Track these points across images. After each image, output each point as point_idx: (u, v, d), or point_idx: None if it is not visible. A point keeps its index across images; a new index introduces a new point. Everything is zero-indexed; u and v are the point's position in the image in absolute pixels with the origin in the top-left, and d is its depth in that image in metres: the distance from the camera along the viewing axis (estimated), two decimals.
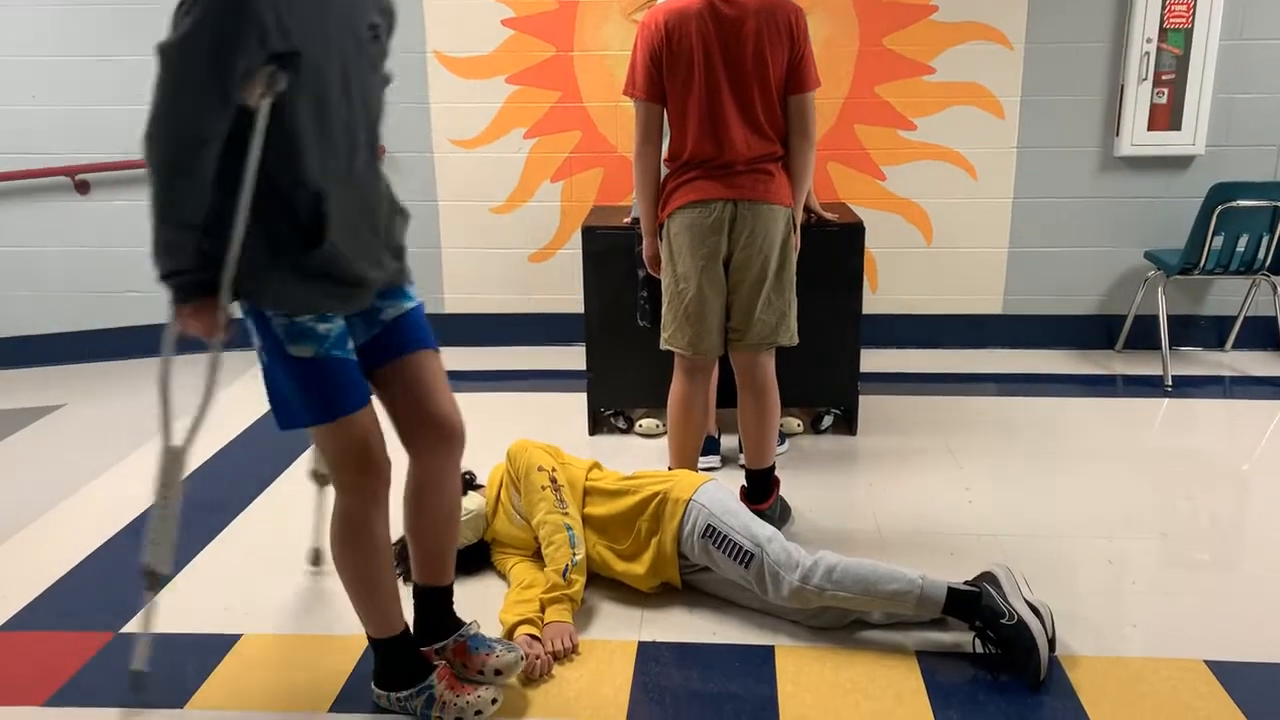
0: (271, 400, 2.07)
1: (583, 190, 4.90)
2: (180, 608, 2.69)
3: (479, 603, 2.62)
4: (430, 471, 2.23)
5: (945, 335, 4.94)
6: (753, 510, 2.74)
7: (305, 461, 3.63)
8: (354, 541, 2.14)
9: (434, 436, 2.19)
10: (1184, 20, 4.46)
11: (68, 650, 2.53)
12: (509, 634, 2.47)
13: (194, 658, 2.48)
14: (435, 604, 2.36)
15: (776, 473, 3.12)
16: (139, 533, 3.11)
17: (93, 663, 2.47)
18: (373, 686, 2.28)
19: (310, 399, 2.02)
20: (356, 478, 2.09)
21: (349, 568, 2.17)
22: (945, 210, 4.80)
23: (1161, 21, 4.46)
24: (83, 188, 4.88)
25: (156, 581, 2.25)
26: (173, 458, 2.19)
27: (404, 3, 4.68)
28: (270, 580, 2.85)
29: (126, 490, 3.46)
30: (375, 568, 2.18)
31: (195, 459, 3.67)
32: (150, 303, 5.04)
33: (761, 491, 3.07)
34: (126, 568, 2.90)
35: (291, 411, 2.05)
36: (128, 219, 4.94)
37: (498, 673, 2.27)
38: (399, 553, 2.86)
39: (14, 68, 4.72)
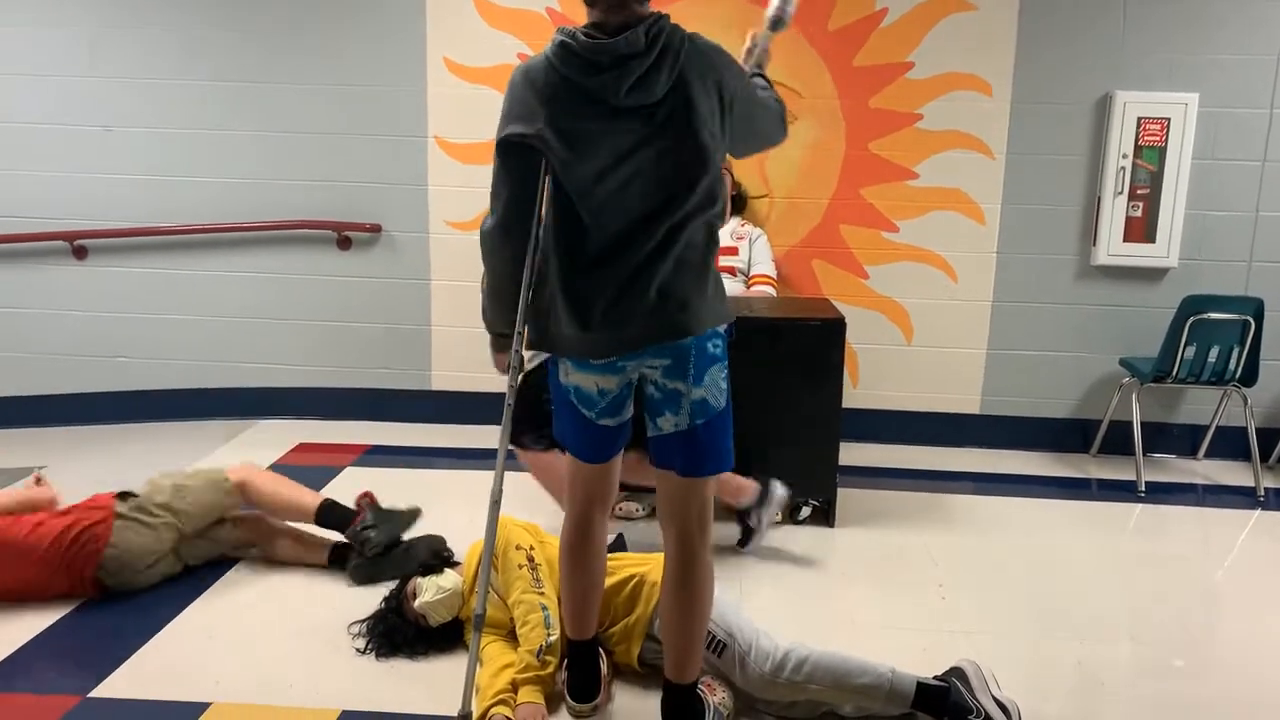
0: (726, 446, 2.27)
1: None
2: (149, 674, 2.68)
3: (453, 681, 2.61)
4: None
5: (924, 432, 5.00)
6: None
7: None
8: None
9: None
10: (1158, 139, 4.64)
11: (36, 711, 2.50)
12: (482, 715, 2.46)
13: None
14: None
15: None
16: (108, 597, 3.10)
17: None
18: None
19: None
20: None
21: None
22: (926, 310, 4.92)
23: (1137, 139, 4.65)
24: (80, 253, 4.96)
25: None
26: None
27: (409, 91, 4.86)
28: (245, 648, 2.84)
29: None
30: None
31: None
32: (139, 369, 5.09)
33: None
34: (96, 631, 2.89)
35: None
36: (121, 286, 5.02)
37: None
38: (369, 628, 2.87)
39: (17, 134, 4.85)
